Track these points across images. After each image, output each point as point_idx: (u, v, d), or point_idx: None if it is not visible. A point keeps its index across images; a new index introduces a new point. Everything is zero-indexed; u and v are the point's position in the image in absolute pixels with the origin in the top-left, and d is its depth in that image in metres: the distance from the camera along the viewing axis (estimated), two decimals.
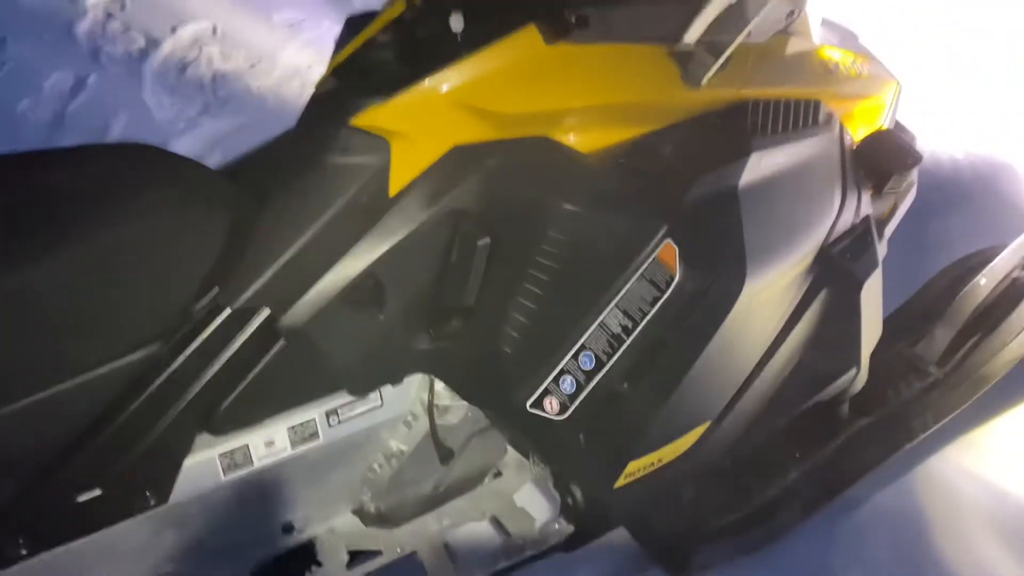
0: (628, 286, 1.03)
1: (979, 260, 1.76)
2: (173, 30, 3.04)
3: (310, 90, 1.14)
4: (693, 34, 1.04)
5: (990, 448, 1.68)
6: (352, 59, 1.12)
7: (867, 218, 1.29)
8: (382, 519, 1.26)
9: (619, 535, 1.40)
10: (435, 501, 1.31)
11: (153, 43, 2.99)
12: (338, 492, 1.24)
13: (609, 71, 1.08)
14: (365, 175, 1.04)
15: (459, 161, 1.05)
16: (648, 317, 1.03)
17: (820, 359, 1.29)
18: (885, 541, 1.52)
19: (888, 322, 1.76)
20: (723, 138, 1.08)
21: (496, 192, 1.06)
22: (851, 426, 1.57)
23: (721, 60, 1.05)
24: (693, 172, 1.05)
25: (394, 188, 1.04)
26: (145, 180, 1.03)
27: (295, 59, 2.88)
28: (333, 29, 3.10)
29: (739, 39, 1.05)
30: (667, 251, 1.02)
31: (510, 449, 1.37)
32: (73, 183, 1.00)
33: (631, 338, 1.03)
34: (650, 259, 1.03)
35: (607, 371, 1.05)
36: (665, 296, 1.02)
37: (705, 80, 1.06)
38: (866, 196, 1.29)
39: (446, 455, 1.24)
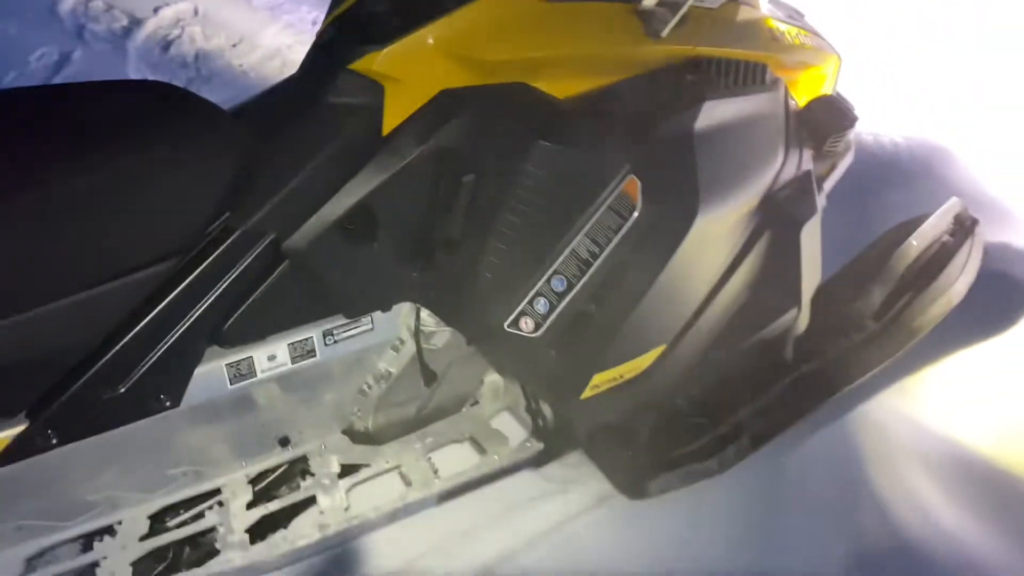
0: (596, 216, 1.17)
1: (912, 226, 1.92)
2: (155, 11, 3.13)
3: (291, 68, 1.25)
4: None
5: (920, 393, 1.84)
6: (350, 11, 1.25)
7: (808, 172, 1.43)
8: (370, 437, 1.38)
9: (585, 461, 1.54)
10: (419, 423, 1.43)
11: (136, 22, 3.08)
12: (332, 411, 1.36)
13: (581, 25, 1.22)
14: (361, 115, 1.16)
15: (446, 104, 1.17)
16: (612, 243, 1.17)
17: (764, 297, 1.43)
18: (825, 473, 1.67)
19: (831, 282, 1.96)
20: (681, 87, 1.22)
21: (479, 132, 1.19)
22: (795, 370, 1.72)
23: (677, 17, 1.19)
24: (654, 116, 1.19)
25: (387, 128, 1.16)
26: (163, 113, 1.14)
27: (275, 40, 2.99)
28: (312, 13, 3.22)
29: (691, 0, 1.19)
30: (631, 185, 1.16)
31: (486, 381, 1.50)
32: (98, 112, 1.11)
33: (597, 262, 1.17)
34: (616, 191, 1.17)
35: (576, 292, 1.18)
36: (627, 224, 1.16)
37: (664, 33, 1.20)
38: (807, 153, 1.44)
39: (430, 378, 1.37)
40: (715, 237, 1.26)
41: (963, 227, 1.95)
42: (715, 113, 1.22)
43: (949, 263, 1.90)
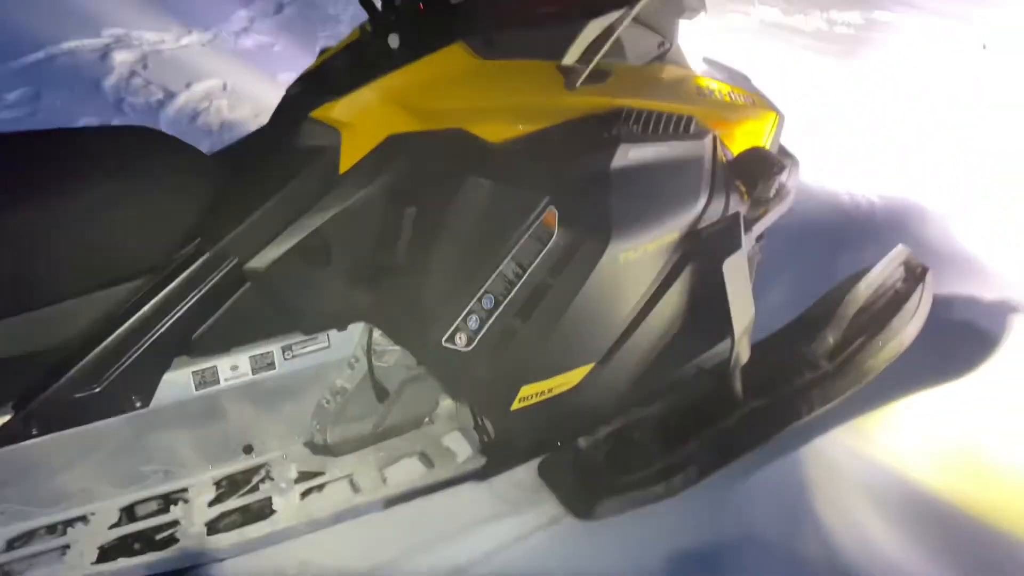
0: (520, 242, 1.32)
1: (864, 274, 2.03)
2: (188, 85, 3.44)
3: None
4: (572, 54, 1.35)
5: (871, 432, 1.91)
6: (316, 70, 1.45)
7: (736, 213, 1.56)
8: (328, 449, 1.51)
9: (534, 479, 1.65)
10: (375, 438, 1.56)
11: (170, 96, 3.38)
12: (292, 422, 1.49)
13: (510, 80, 1.39)
14: (320, 156, 1.34)
15: (394, 146, 1.35)
16: (533, 265, 1.31)
17: (696, 326, 1.55)
18: (772, 504, 1.74)
19: (788, 326, 2.07)
20: (600, 132, 1.37)
21: (422, 171, 1.35)
22: (746, 405, 1.82)
23: (587, 71, 1.35)
24: (574, 156, 1.35)
25: (343, 167, 1.34)
26: (148, 153, 1.34)
27: None
28: None
29: (597, 57, 1.35)
30: (550, 215, 1.31)
31: (442, 404, 1.64)
32: (92, 150, 1.31)
33: (520, 282, 1.32)
34: (537, 221, 1.32)
35: (503, 309, 1.33)
36: (546, 248, 1.31)
37: (577, 85, 1.36)
38: (736, 197, 1.57)
39: (382, 393, 1.51)
40: (634, 263, 1.39)
41: (914, 274, 2.05)
42: (631, 155, 1.37)
43: (901, 308, 1.99)
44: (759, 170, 1.61)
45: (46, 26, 3.85)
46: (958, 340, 2.17)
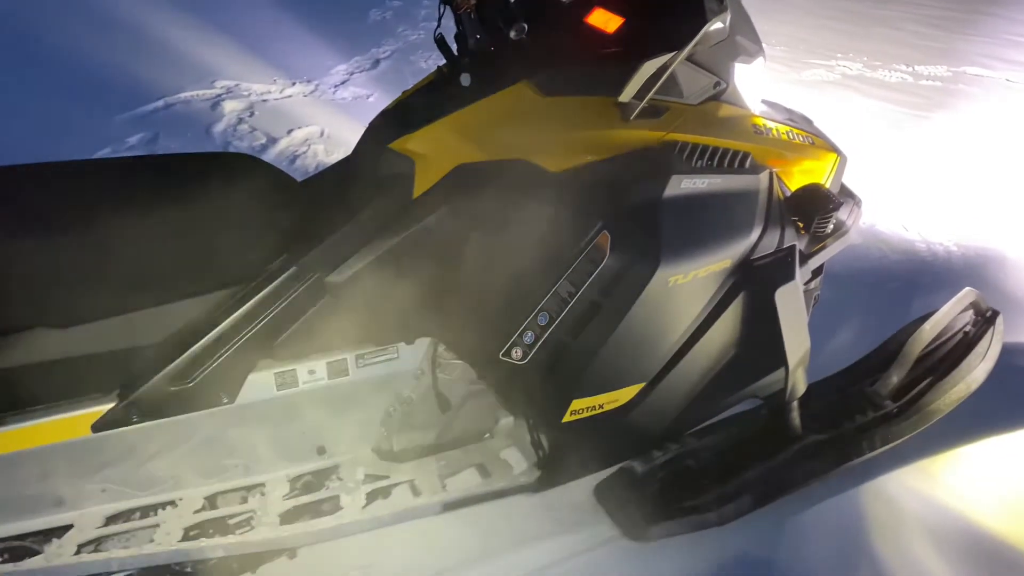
0: (575, 264, 1.41)
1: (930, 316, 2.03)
2: (289, 131, 3.71)
3: None
4: (628, 92, 1.45)
5: (937, 474, 1.88)
6: (395, 106, 1.60)
7: (791, 247, 1.62)
8: (394, 455, 1.62)
9: (591, 501, 1.71)
10: (437, 448, 1.66)
11: (272, 140, 3.65)
12: (361, 427, 1.61)
13: (570, 114, 1.50)
14: (396, 182, 1.48)
15: (462, 175, 1.47)
16: (586, 285, 1.40)
17: (748, 355, 1.60)
18: (827, 539, 1.74)
19: (854, 365, 2.08)
20: (653, 163, 1.46)
21: (486, 197, 1.47)
22: (804, 440, 1.83)
23: (641, 104, 1.45)
24: (628, 184, 1.44)
25: (417, 192, 1.47)
26: (244, 177, 1.50)
27: None
28: None
29: (651, 93, 1.44)
30: (603, 238, 1.40)
31: (501, 420, 1.72)
32: (195, 174, 1.48)
33: (574, 301, 1.40)
34: (591, 244, 1.41)
35: (556, 326, 1.41)
36: (598, 270, 1.39)
37: (631, 118, 1.46)
38: (791, 231, 1.63)
39: (445, 405, 1.61)
40: (685, 289, 1.46)
41: (984, 317, 2.04)
42: (684, 185, 1.45)
43: (969, 351, 1.98)
44: (815, 206, 1.66)
45: (166, 78, 4.24)
46: None
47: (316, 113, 3.93)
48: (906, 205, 3.00)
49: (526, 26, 1.42)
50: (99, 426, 1.35)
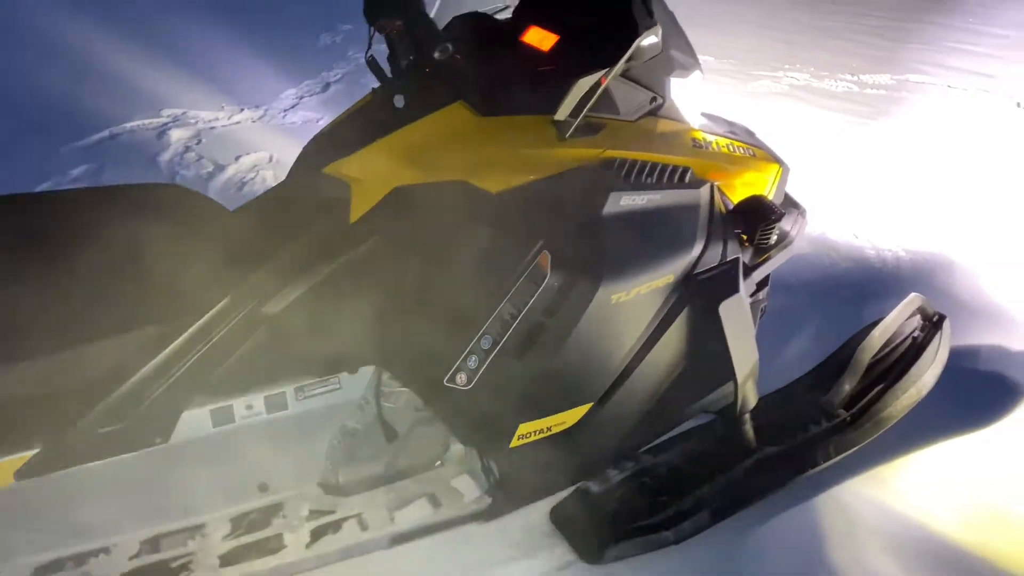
0: (516, 285, 1.39)
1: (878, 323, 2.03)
2: (237, 158, 3.65)
3: None
4: (564, 109, 1.43)
5: (891, 481, 1.88)
6: (329, 130, 1.57)
7: (735, 259, 1.61)
8: (340, 489, 1.57)
9: (543, 520, 1.67)
10: (385, 479, 1.61)
11: (219, 168, 3.59)
12: (305, 462, 1.56)
13: (508, 134, 1.48)
14: (332, 208, 1.44)
15: (399, 198, 1.44)
16: (528, 306, 1.37)
17: (696, 370, 1.58)
18: (786, 550, 1.72)
19: (804, 376, 2.08)
20: (592, 180, 1.45)
21: (425, 220, 1.44)
22: (759, 453, 1.82)
23: (577, 122, 1.43)
24: (567, 203, 1.43)
25: (353, 217, 1.44)
26: (176, 208, 1.46)
27: None
28: None
29: (585, 110, 1.43)
30: (543, 258, 1.38)
31: (452, 448, 1.69)
32: (126, 207, 1.43)
33: (516, 323, 1.38)
34: (532, 264, 1.39)
35: (500, 349, 1.38)
36: (540, 290, 1.37)
37: (567, 136, 1.44)
38: (734, 243, 1.62)
39: (391, 434, 1.57)
40: (629, 306, 1.44)
41: (931, 323, 2.05)
42: (623, 202, 1.44)
43: (918, 357, 1.99)
44: (758, 217, 1.66)
45: (113, 107, 4.16)
46: (983, 391, 2.15)
47: (265, 139, 3.87)
48: (855, 212, 3.03)
49: (451, 47, 1.40)
50: (23, 473, 1.29)
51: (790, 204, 1.92)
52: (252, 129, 4.00)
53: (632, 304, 1.45)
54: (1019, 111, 3.93)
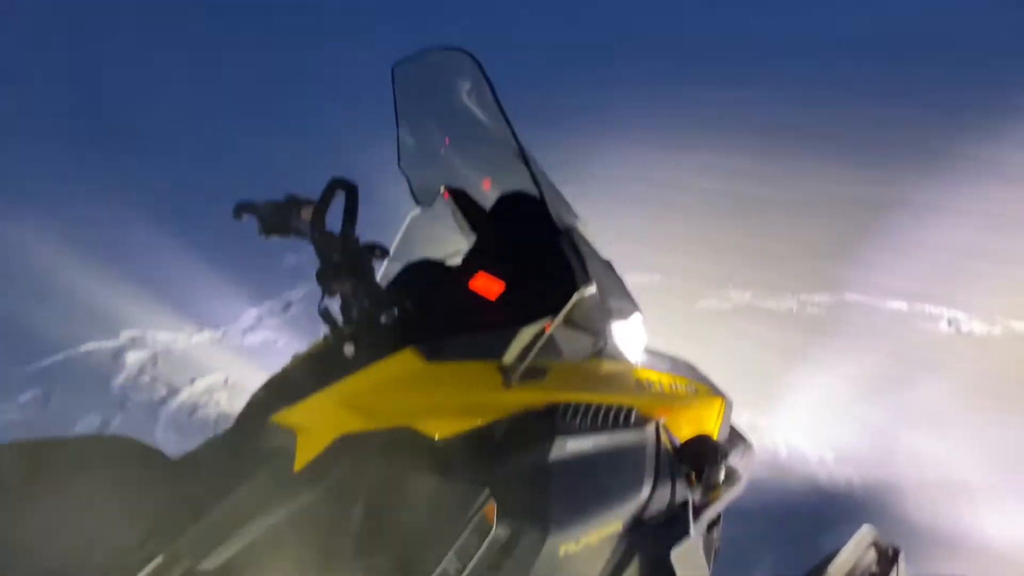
0: (462, 537, 1.36)
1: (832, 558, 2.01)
2: (192, 381, 3.64)
3: None
4: (510, 355, 1.49)
5: None
6: (278, 377, 1.59)
7: (684, 501, 1.61)
8: None
9: None
10: None
11: (173, 392, 3.57)
12: None
13: (453, 380, 1.51)
14: (277, 457, 1.43)
15: (344, 445, 1.44)
16: (474, 560, 1.34)
17: None
18: None
19: None
20: (537, 426, 1.47)
21: (369, 468, 1.43)
22: None
23: (522, 368, 1.48)
24: (512, 449, 1.43)
25: (297, 466, 1.42)
26: (115, 460, 1.43)
27: None
28: None
29: (530, 356, 1.48)
30: (489, 508, 1.37)
31: None
32: (51, 459, 1.40)
33: None
34: (477, 515, 1.37)
35: None
36: (486, 542, 1.34)
37: (512, 383, 1.48)
38: (683, 483, 1.63)
39: None
40: (575, 558, 1.41)
41: (886, 556, 2.03)
42: (569, 447, 1.45)
43: None
44: (705, 456, 1.68)
45: (70, 328, 4.17)
46: None
47: (221, 361, 3.89)
48: (805, 434, 3.07)
49: (396, 311, 1.47)
50: None
51: (736, 438, 1.95)
52: (210, 350, 4.03)
53: (580, 555, 1.42)
54: (950, 329, 4.14)
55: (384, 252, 1.49)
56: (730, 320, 4.30)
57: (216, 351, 4.03)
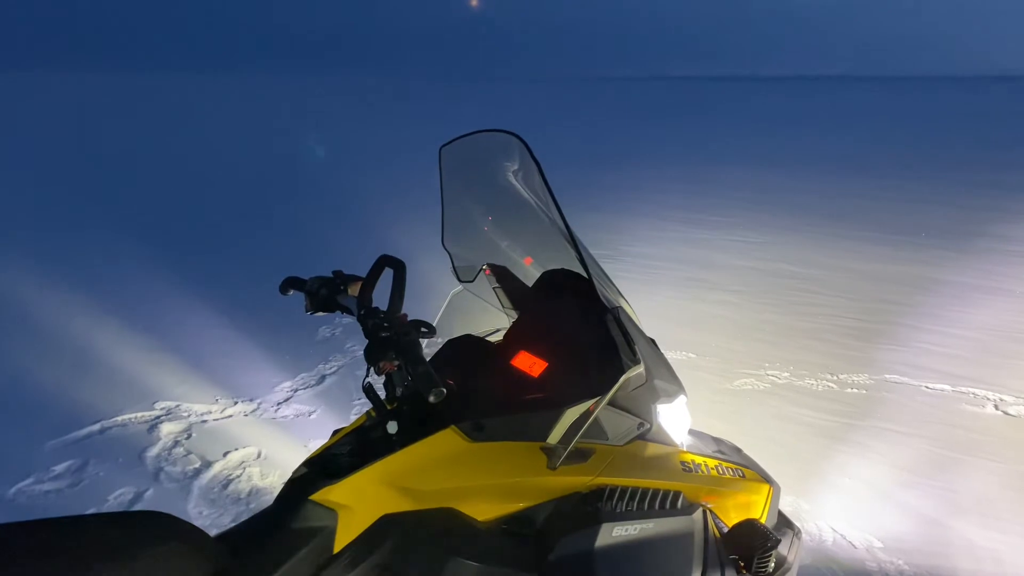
0: None
1: None
2: (225, 454, 3.63)
3: None
4: (554, 437, 1.46)
5: None
6: (321, 454, 1.57)
7: None
8: None
9: None
10: None
11: (207, 464, 3.55)
12: None
13: (497, 461, 1.49)
14: (317, 536, 1.41)
15: (386, 526, 1.41)
16: None
17: None
18: None
19: None
20: (582, 511, 1.44)
21: (411, 551, 1.40)
22: None
23: (567, 450, 1.45)
24: (558, 536, 1.40)
25: (338, 546, 1.40)
26: (149, 537, 1.41)
27: None
28: None
29: (576, 439, 1.46)
30: None
31: None
32: (96, 536, 1.39)
33: None
34: None
35: None
36: None
37: (557, 465, 1.45)
38: (731, 571, 1.57)
39: None
40: None
41: None
42: (614, 533, 1.41)
43: None
44: (754, 544, 1.62)
45: (106, 400, 4.21)
46: None
47: (255, 433, 3.88)
48: (850, 521, 2.97)
49: (445, 391, 1.46)
50: None
51: (784, 524, 1.89)
52: (243, 423, 4.02)
53: None
54: (996, 412, 4.02)
55: (431, 330, 1.49)
56: (767, 398, 4.22)
57: (250, 424, 4.02)
